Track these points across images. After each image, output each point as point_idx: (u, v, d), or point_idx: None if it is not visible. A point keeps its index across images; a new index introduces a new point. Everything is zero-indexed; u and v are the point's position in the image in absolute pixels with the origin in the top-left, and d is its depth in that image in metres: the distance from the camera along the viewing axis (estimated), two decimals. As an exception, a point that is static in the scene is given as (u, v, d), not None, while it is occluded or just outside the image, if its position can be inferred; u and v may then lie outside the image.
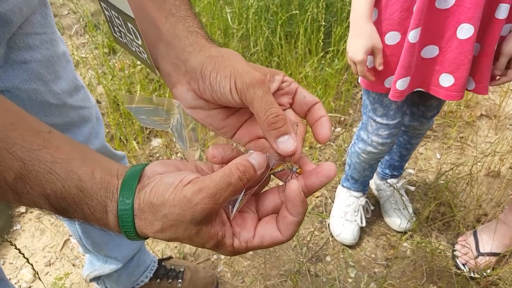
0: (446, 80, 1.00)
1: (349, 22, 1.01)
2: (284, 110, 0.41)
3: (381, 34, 0.98)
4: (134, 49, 0.45)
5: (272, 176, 0.41)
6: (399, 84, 1.00)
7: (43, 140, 0.34)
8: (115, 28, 0.47)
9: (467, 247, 1.37)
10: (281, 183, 0.41)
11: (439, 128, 1.96)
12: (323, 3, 1.81)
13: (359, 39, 0.97)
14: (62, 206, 0.34)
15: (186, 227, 0.34)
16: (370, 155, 1.28)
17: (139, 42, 0.42)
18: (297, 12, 1.88)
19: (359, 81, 1.14)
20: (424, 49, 0.99)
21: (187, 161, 0.41)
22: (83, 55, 2.21)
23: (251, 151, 0.39)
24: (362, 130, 1.27)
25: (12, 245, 0.80)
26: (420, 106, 1.24)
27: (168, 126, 0.42)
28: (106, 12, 0.46)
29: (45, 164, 0.33)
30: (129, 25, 0.41)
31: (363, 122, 1.25)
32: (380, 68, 1.01)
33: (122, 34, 0.46)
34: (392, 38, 0.98)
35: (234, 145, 0.41)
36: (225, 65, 0.38)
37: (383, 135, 1.19)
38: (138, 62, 1.95)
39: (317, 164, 0.38)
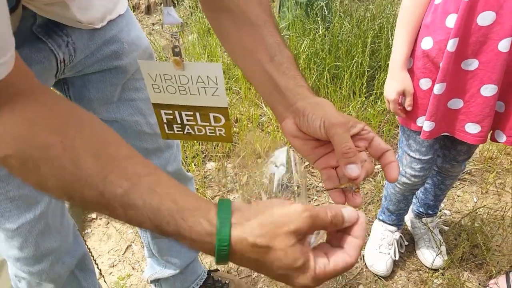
0: (472, 128, 1.12)
1: (392, 69, 1.16)
2: (360, 151, 0.52)
3: (416, 79, 1.13)
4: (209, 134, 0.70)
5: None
6: (426, 125, 1.13)
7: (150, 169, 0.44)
8: (175, 126, 0.69)
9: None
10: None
11: (477, 173, 2.02)
12: (369, 51, 1.99)
13: (394, 82, 1.14)
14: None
15: (286, 234, 0.38)
16: (404, 186, 1.39)
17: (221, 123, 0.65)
18: (344, 59, 2.07)
19: (397, 117, 1.28)
20: (450, 101, 1.11)
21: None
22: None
23: (347, 206, 0.47)
24: (398, 162, 1.38)
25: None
26: (452, 150, 1.35)
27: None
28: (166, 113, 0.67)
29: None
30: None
31: (399, 155, 1.38)
32: (409, 108, 1.16)
33: (187, 127, 0.67)
34: (425, 84, 1.12)
35: (344, 186, 0.53)
36: (319, 109, 0.52)
37: (416, 168, 1.31)
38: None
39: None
